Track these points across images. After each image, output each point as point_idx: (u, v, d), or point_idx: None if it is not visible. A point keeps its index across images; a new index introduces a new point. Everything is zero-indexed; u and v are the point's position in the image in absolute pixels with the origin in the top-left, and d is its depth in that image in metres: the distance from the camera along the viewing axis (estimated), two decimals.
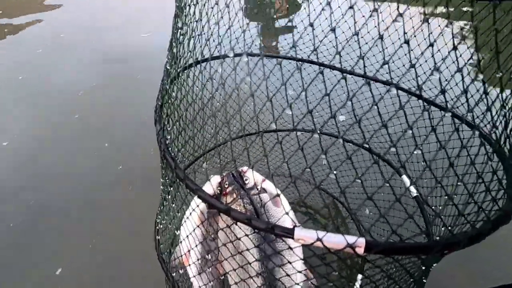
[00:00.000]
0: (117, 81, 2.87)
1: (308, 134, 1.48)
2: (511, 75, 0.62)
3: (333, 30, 0.57)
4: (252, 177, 1.37)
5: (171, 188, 0.72)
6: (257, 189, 1.35)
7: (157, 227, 0.92)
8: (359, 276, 1.15)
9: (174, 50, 0.68)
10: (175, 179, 0.60)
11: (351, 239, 0.48)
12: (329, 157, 0.57)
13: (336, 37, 0.60)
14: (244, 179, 1.36)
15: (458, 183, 0.53)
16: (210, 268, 1.04)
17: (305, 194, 1.49)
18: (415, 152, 0.52)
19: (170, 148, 0.70)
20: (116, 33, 3.73)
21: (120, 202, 1.76)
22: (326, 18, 0.60)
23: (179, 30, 0.67)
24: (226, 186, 1.31)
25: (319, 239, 0.49)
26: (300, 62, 1.16)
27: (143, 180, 1.86)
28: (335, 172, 0.51)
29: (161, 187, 0.82)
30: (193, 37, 0.65)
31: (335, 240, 0.49)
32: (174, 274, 0.86)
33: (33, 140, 2.26)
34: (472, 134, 0.63)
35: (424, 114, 0.57)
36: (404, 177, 1.13)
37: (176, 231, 0.85)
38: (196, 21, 0.66)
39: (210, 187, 1.28)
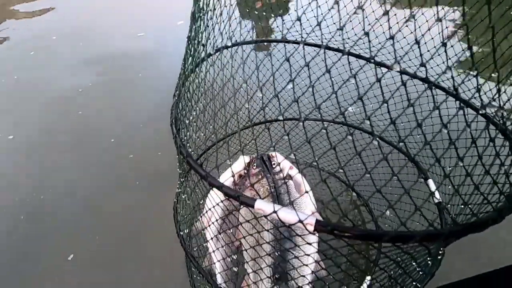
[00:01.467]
0: (114, 79, 2.91)
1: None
2: None
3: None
4: (280, 162, 1.43)
5: (186, 172, 0.83)
6: (283, 174, 1.42)
7: (177, 205, 1.04)
8: (368, 277, 1.15)
9: (196, 40, 0.78)
10: (184, 162, 0.70)
11: (302, 216, 0.53)
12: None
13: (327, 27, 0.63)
14: (272, 163, 1.43)
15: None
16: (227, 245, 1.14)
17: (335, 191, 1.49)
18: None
19: (185, 134, 0.82)
20: (110, 33, 3.74)
21: (129, 195, 1.83)
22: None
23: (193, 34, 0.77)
24: (254, 167, 1.41)
25: (274, 212, 0.55)
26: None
27: (151, 173, 1.94)
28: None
29: (179, 170, 0.93)
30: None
31: (288, 215, 0.54)
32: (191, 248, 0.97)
33: (39, 135, 2.35)
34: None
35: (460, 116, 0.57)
36: (430, 182, 1.08)
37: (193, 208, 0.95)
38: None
39: (237, 166, 1.40)
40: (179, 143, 0.67)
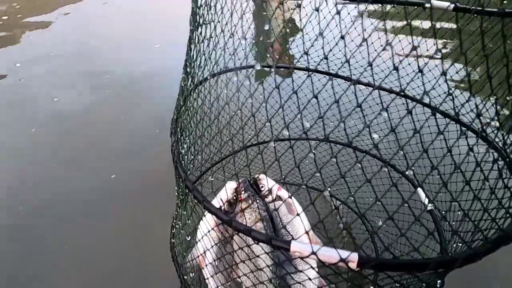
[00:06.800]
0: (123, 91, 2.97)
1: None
2: None
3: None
4: (268, 184, 1.40)
5: (183, 197, 0.77)
6: (272, 196, 1.38)
7: (173, 231, 0.97)
8: None
9: (188, 69, 0.74)
10: (185, 190, 0.65)
11: (344, 253, 0.51)
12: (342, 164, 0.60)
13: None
14: (260, 186, 1.40)
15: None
16: (225, 271, 1.08)
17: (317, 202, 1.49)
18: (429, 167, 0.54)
19: (183, 158, 0.76)
20: (125, 46, 3.86)
21: (130, 196, 1.88)
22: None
23: (192, 50, 0.72)
24: (242, 192, 1.35)
25: (313, 253, 0.51)
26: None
27: (151, 175, 2.00)
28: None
29: (175, 193, 0.88)
30: (203, 54, 0.70)
31: (328, 254, 0.51)
32: (187, 277, 0.91)
33: (42, 137, 2.46)
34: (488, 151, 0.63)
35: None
36: (419, 190, 1.11)
37: (187, 237, 0.90)
38: (208, 40, 0.71)
39: (225, 194, 1.33)
40: (184, 176, 0.62)
